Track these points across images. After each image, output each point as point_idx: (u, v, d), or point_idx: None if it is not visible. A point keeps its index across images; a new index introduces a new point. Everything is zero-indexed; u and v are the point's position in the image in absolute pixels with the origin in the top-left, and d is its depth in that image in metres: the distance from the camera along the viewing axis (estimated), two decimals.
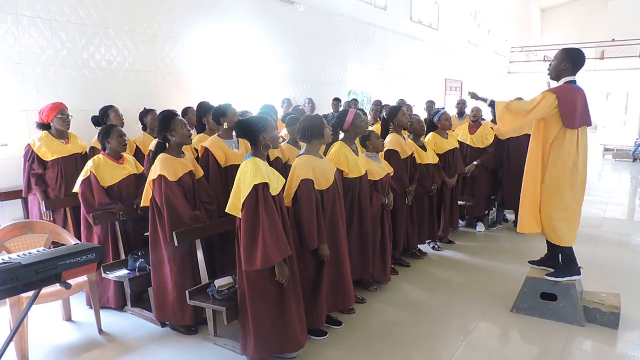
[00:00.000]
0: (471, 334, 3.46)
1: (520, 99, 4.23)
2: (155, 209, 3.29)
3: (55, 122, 4.12)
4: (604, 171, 12.63)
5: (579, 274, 3.59)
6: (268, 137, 2.87)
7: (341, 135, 3.91)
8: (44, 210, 4.06)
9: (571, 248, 3.59)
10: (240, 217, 2.78)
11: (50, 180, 4.11)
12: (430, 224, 5.14)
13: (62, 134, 4.22)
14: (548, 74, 3.55)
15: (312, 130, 3.25)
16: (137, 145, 4.69)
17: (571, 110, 3.34)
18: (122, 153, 3.88)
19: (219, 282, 3.18)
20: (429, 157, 4.99)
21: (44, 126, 4.16)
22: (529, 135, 5.65)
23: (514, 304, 3.79)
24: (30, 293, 2.17)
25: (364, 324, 3.60)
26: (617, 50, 16.42)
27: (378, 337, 3.41)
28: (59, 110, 4.11)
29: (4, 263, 1.90)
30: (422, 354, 3.21)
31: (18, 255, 2.01)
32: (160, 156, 3.30)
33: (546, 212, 3.51)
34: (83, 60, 5.02)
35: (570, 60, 3.40)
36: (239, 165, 3.74)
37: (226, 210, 2.88)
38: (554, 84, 3.58)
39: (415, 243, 4.97)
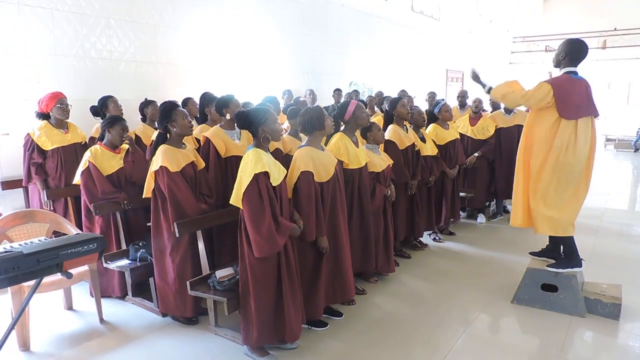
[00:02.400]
0: (471, 325, 3.47)
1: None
2: (159, 199, 3.29)
3: (54, 111, 4.11)
4: (606, 161, 12.60)
5: (581, 265, 3.59)
6: (268, 130, 2.87)
7: (342, 126, 3.90)
8: (45, 199, 4.06)
9: (572, 239, 3.58)
10: (242, 207, 2.78)
11: (50, 169, 4.11)
12: (430, 215, 5.14)
13: (62, 124, 4.21)
14: (552, 63, 3.55)
15: (312, 122, 3.24)
16: (137, 135, 4.67)
17: (567, 100, 3.33)
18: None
19: (219, 273, 3.18)
20: (428, 149, 4.98)
21: (43, 116, 4.15)
22: (521, 125, 5.66)
23: (514, 295, 3.80)
24: (32, 282, 2.18)
25: (364, 316, 3.61)
26: (619, 40, 16.30)
27: (378, 329, 3.43)
28: (58, 100, 4.10)
29: (6, 252, 1.91)
30: (423, 345, 3.22)
31: (20, 245, 2.02)
32: (162, 147, 3.29)
33: (538, 201, 3.48)
34: (84, 51, 4.99)
35: (567, 52, 3.40)
36: (240, 156, 3.76)
37: (230, 202, 2.88)
38: (557, 73, 3.56)
39: (419, 233, 4.98)
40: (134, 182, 3.84)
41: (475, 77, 3.89)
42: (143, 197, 3.42)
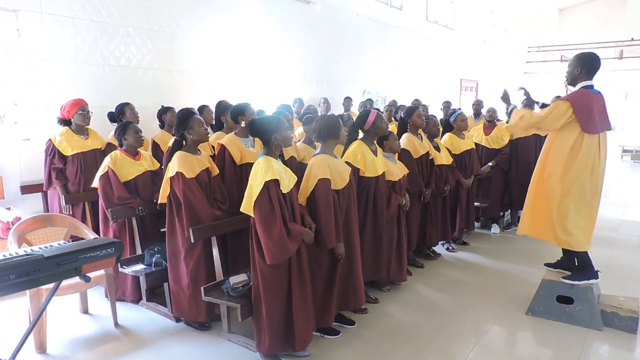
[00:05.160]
0: (485, 337, 3.43)
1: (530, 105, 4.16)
2: (174, 205, 3.33)
3: (75, 117, 4.21)
4: (623, 173, 12.41)
5: (597, 277, 3.55)
6: (280, 137, 2.90)
7: (359, 134, 3.91)
8: (64, 204, 4.14)
9: (586, 252, 3.54)
10: (253, 215, 2.80)
11: (70, 174, 4.19)
12: (444, 225, 5.11)
13: (82, 130, 4.30)
14: (565, 80, 3.53)
15: (328, 130, 3.27)
16: (155, 142, 4.73)
17: (588, 115, 3.32)
18: (138, 149, 3.95)
19: (233, 279, 3.20)
20: (443, 158, 4.97)
21: (64, 122, 4.25)
22: (537, 135, 5.62)
23: (529, 307, 3.76)
24: (50, 285, 2.22)
25: (376, 324, 3.60)
26: (637, 50, 16.10)
27: (391, 338, 3.41)
28: (80, 107, 4.19)
29: (27, 255, 1.94)
30: (435, 356, 3.20)
31: (40, 248, 2.06)
32: (177, 154, 3.34)
33: (561, 218, 3.46)
34: (104, 58, 5.10)
35: (583, 66, 3.39)
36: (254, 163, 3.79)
37: (241, 210, 2.91)
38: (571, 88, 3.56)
39: (434, 242, 4.97)
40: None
41: (506, 98, 3.92)
42: (158, 202, 3.47)
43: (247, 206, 2.85)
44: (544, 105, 3.66)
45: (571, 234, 3.44)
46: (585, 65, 3.38)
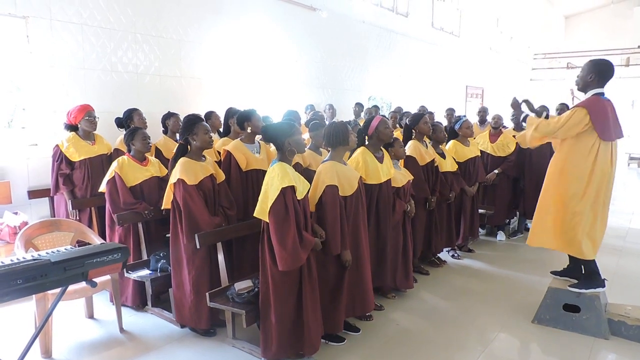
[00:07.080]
0: (491, 345, 3.41)
1: (544, 108, 4.11)
2: (177, 211, 3.34)
3: (82, 123, 4.24)
4: (630, 180, 12.34)
5: (604, 285, 3.52)
6: (293, 142, 2.92)
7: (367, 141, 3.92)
8: (71, 209, 4.16)
9: (593, 260, 3.52)
10: (268, 220, 2.81)
11: (77, 180, 4.22)
12: (450, 232, 5.10)
13: (89, 135, 4.33)
14: (576, 85, 3.50)
15: (337, 137, 3.28)
16: (157, 148, 4.74)
17: (604, 122, 3.29)
18: (146, 155, 3.98)
19: (239, 286, 3.20)
20: (448, 165, 4.96)
21: (71, 127, 4.28)
22: (551, 143, 5.55)
23: (535, 315, 3.73)
24: (56, 290, 2.23)
25: (381, 332, 3.58)
26: None
27: (396, 345, 3.40)
28: (86, 112, 4.22)
29: (34, 260, 1.96)
30: None
31: (47, 253, 2.07)
32: (181, 160, 3.36)
33: (573, 227, 3.43)
34: (111, 64, 5.14)
35: (596, 72, 3.35)
36: (260, 169, 3.81)
37: (254, 215, 2.91)
38: (578, 92, 3.54)
39: (439, 249, 4.96)
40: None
41: (516, 104, 3.92)
42: (162, 208, 3.49)
43: (261, 211, 2.85)
44: (547, 117, 3.63)
45: (581, 242, 3.41)
46: (599, 72, 3.34)
